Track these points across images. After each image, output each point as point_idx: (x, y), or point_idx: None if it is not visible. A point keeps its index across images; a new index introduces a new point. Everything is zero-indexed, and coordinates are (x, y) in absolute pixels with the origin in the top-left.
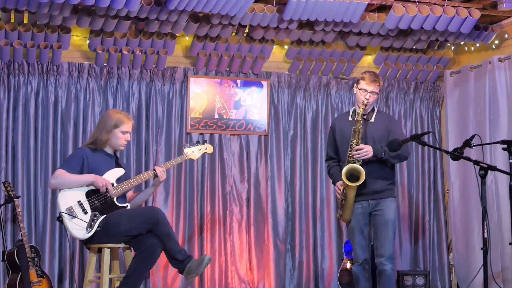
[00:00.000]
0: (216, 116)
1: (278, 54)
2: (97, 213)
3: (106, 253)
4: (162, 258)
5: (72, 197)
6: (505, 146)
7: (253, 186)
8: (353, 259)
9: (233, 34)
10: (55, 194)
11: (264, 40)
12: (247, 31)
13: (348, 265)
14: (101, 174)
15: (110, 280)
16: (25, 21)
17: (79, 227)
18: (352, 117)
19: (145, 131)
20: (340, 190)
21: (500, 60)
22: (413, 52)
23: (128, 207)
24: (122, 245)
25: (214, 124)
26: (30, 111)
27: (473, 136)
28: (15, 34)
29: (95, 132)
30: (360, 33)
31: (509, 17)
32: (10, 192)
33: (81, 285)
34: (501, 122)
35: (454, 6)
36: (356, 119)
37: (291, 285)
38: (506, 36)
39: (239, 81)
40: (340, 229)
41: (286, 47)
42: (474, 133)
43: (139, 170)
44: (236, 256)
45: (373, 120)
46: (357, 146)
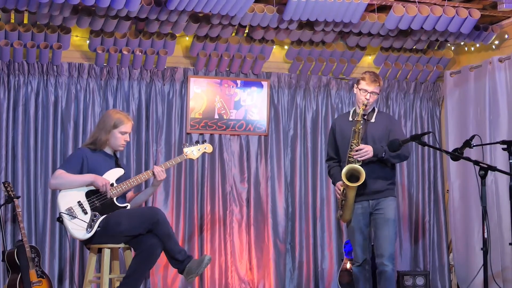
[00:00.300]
0: (216, 116)
1: (278, 54)
2: (97, 213)
3: (106, 253)
4: (162, 258)
5: (72, 198)
6: (505, 146)
7: (253, 186)
8: (353, 260)
9: (233, 34)
10: (55, 194)
11: (264, 40)
12: (247, 31)
13: (348, 265)
14: (101, 174)
15: (110, 280)
16: (25, 21)
17: (79, 227)
18: (352, 118)
19: (145, 131)
20: (340, 191)
21: (500, 60)
22: (413, 52)
23: (128, 207)
24: (122, 245)
25: (214, 124)
26: (30, 111)
27: (473, 136)
28: (15, 34)
29: (95, 132)
30: (360, 33)
31: (509, 17)
32: (10, 192)
33: (81, 285)
34: (501, 122)
35: (454, 6)
36: (356, 119)
37: (291, 285)
38: (506, 36)
39: (239, 81)
40: (340, 229)
41: (286, 47)
42: (474, 133)
43: (139, 170)
44: (236, 256)
45: (373, 120)
46: (357, 146)
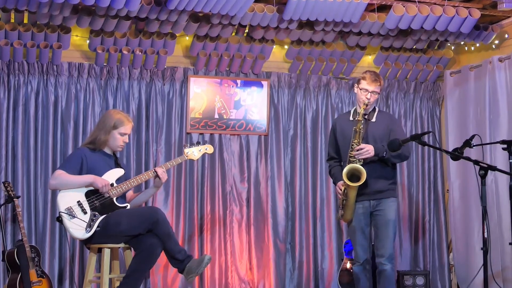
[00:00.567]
0: (216, 116)
1: (278, 54)
2: (96, 213)
3: (106, 253)
4: (162, 258)
5: (71, 197)
6: (505, 146)
7: (253, 186)
8: (354, 259)
9: (233, 34)
10: (55, 194)
11: (264, 40)
12: (247, 31)
13: (348, 265)
14: (100, 175)
15: (110, 280)
16: (25, 21)
17: (78, 227)
18: (353, 117)
19: (145, 131)
20: (341, 190)
21: (500, 60)
22: (413, 52)
23: (128, 207)
24: (122, 245)
25: (214, 124)
26: (30, 111)
27: (473, 136)
28: (15, 34)
29: (94, 132)
30: (360, 33)
31: (509, 17)
32: (10, 192)
33: (81, 285)
34: (501, 122)
35: (454, 6)
36: (357, 119)
37: (291, 285)
38: (506, 36)
39: (239, 81)
40: (340, 229)
41: (286, 47)
42: (474, 133)
43: (139, 170)
44: (236, 256)
45: (374, 119)
46: (358, 146)
